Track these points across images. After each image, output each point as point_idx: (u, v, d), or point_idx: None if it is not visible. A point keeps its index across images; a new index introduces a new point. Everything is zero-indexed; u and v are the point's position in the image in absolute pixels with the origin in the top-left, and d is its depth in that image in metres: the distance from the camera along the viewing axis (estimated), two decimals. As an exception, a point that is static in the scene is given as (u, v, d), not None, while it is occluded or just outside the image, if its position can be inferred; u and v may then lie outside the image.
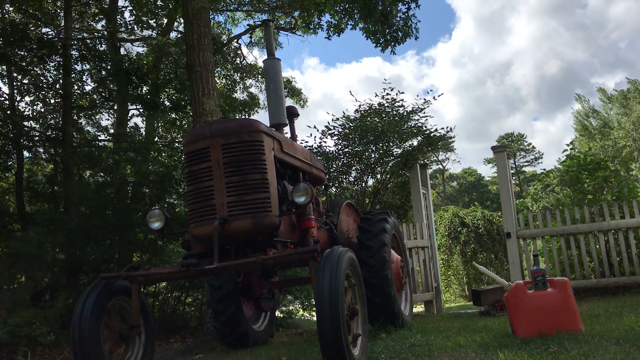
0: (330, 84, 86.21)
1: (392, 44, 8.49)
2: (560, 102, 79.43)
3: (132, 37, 8.92)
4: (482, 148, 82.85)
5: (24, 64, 6.30)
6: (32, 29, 6.98)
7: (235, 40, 12.06)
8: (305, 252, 2.91)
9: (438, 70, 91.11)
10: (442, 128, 8.32)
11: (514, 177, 34.61)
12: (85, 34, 7.99)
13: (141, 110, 8.41)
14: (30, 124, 6.46)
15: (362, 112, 8.02)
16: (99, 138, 7.84)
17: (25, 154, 6.39)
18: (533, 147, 50.44)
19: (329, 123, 8.12)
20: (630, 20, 70.78)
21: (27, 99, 6.79)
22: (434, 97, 8.26)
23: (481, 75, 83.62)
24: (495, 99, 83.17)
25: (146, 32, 8.93)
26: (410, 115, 7.94)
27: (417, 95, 60.72)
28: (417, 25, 8.53)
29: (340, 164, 8.09)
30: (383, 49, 8.57)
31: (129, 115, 8.63)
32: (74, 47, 6.92)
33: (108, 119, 8.61)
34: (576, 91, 78.87)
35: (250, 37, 12.40)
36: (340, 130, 8.01)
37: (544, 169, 8.88)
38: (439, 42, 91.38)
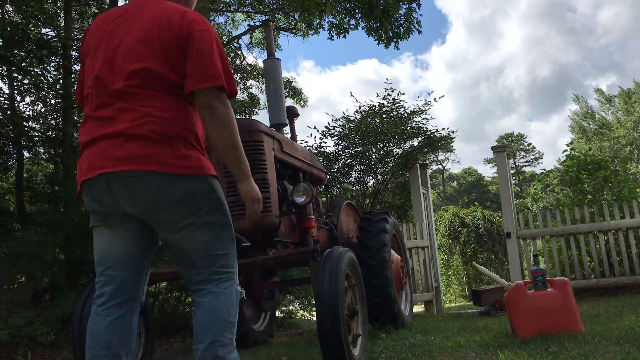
0: (326, 86, 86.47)
1: (395, 40, 8.49)
2: (554, 103, 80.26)
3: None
4: (479, 149, 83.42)
5: (24, 64, 6.30)
6: (32, 29, 6.98)
7: (235, 41, 12.06)
8: (305, 252, 2.91)
9: (433, 73, 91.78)
10: (443, 129, 8.32)
11: (513, 177, 34.61)
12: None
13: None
14: (30, 124, 6.46)
15: (363, 112, 8.03)
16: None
17: (25, 154, 6.38)
18: (533, 147, 50.53)
19: (328, 123, 8.14)
20: (618, 26, 71.69)
21: (27, 99, 6.79)
22: (434, 99, 8.27)
23: (475, 78, 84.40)
24: (490, 101, 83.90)
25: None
26: (411, 116, 7.95)
27: (418, 96, 60.97)
28: (420, 20, 8.54)
29: (341, 164, 8.09)
30: (386, 46, 8.57)
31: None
32: (74, 47, 6.91)
33: (108, 119, 8.59)
34: (570, 93, 79.60)
35: (251, 38, 12.40)
36: (340, 130, 8.01)
37: (544, 169, 8.89)
38: (432, 46, 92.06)
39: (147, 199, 1.76)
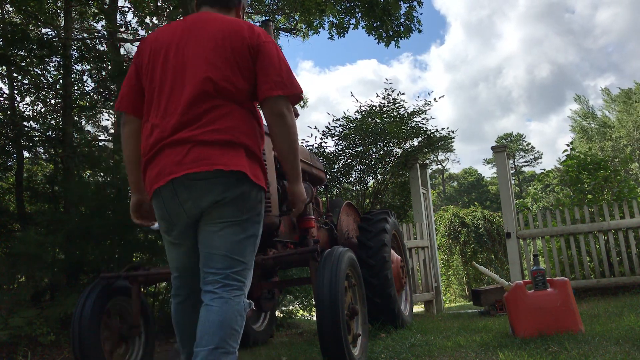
0: (325, 86, 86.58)
1: (395, 38, 8.50)
2: (552, 104, 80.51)
3: (133, 37, 8.92)
4: (478, 149, 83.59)
5: (23, 64, 6.30)
6: (32, 29, 6.98)
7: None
8: (305, 252, 2.90)
9: (432, 73, 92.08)
10: (443, 129, 8.32)
11: (513, 177, 34.61)
12: (85, 34, 7.99)
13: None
14: (31, 124, 6.46)
15: (363, 112, 8.03)
16: (99, 138, 7.83)
17: (25, 154, 6.38)
18: (532, 147, 50.56)
19: (329, 123, 8.14)
20: (616, 27, 72.05)
21: (27, 99, 6.79)
22: (434, 99, 8.27)
23: (473, 79, 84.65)
24: (489, 101, 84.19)
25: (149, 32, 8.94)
26: (411, 116, 7.95)
27: (418, 97, 61.14)
28: (420, 19, 8.54)
29: (341, 164, 8.10)
30: (387, 44, 8.58)
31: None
32: (74, 47, 6.92)
33: (108, 119, 8.60)
34: (568, 93, 80.00)
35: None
36: (340, 130, 8.02)
37: (544, 169, 8.90)
38: (431, 46, 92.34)
39: (209, 197, 1.84)
